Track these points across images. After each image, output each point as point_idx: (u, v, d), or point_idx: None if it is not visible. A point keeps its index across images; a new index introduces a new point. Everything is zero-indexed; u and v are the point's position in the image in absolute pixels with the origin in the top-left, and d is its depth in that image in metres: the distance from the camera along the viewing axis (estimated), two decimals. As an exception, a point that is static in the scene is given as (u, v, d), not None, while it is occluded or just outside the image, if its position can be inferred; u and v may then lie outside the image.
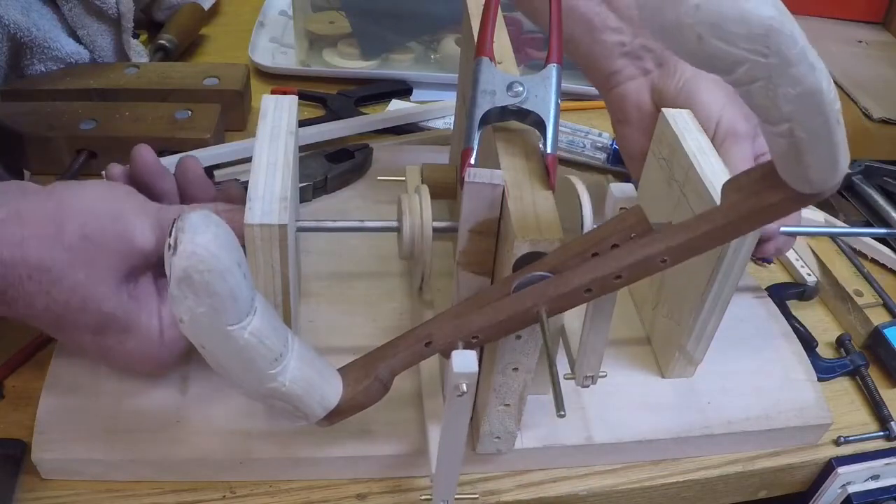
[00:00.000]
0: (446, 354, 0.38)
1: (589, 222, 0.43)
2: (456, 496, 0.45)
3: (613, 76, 0.57)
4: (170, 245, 0.32)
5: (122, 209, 0.42)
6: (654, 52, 0.55)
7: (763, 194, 0.35)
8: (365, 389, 0.39)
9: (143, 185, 0.48)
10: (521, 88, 0.43)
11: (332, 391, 0.39)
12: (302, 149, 0.69)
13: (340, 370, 0.40)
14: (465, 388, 0.36)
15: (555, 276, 0.37)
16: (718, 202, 0.44)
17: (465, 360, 0.36)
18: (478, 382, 0.45)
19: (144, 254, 0.42)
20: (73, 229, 0.40)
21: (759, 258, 0.67)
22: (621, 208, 0.40)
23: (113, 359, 0.44)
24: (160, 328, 0.44)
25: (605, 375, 0.46)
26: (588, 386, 0.47)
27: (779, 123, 0.31)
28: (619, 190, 0.41)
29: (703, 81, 0.54)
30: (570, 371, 0.47)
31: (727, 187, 0.37)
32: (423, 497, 0.46)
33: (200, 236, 0.32)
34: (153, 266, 0.44)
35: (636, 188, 0.56)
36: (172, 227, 0.32)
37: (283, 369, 0.36)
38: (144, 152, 0.48)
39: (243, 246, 0.36)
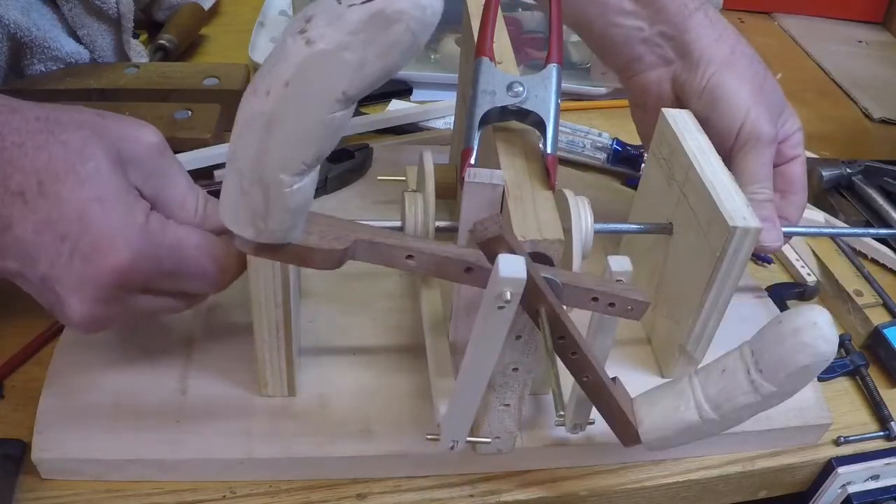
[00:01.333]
0: (488, 252, 0.33)
1: (577, 248, 0.43)
2: (468, 438, 0.42)
3: (633, 64, 0.56)
4: None
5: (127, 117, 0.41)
6: (673, 39, 0.55)
7: None
8: (326, 251, 0.35)
9: None
10: (521, 88, 0.43)
11: (299, 226, 0.35)
12: (302, 149, 0.68)
13: (311, 214, 0.35)
14: (509, 296, 0.32)
15: (558, 305, 0.37)
16: (717, 202, 0.44)
17: (513, 264, 0.32)
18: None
19: (149, 146, 0.40)
20: (84, 110, 0.40)
21: (759, 257, 0.67)
22: (618, 280, 0.40)
23: (78, 243, 0.37)
24: (146, 221, 0.39)
25: (594, 423, 0.46)
26: (577, 433, 0.47)
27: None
28: (617, 264, 0.40)
29: (729, 80, 0.53)
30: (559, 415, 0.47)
31: None
32: (428, 436, 0.43)
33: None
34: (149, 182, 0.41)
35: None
36: None
37: (304, 174, 0.31)
38: None
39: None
